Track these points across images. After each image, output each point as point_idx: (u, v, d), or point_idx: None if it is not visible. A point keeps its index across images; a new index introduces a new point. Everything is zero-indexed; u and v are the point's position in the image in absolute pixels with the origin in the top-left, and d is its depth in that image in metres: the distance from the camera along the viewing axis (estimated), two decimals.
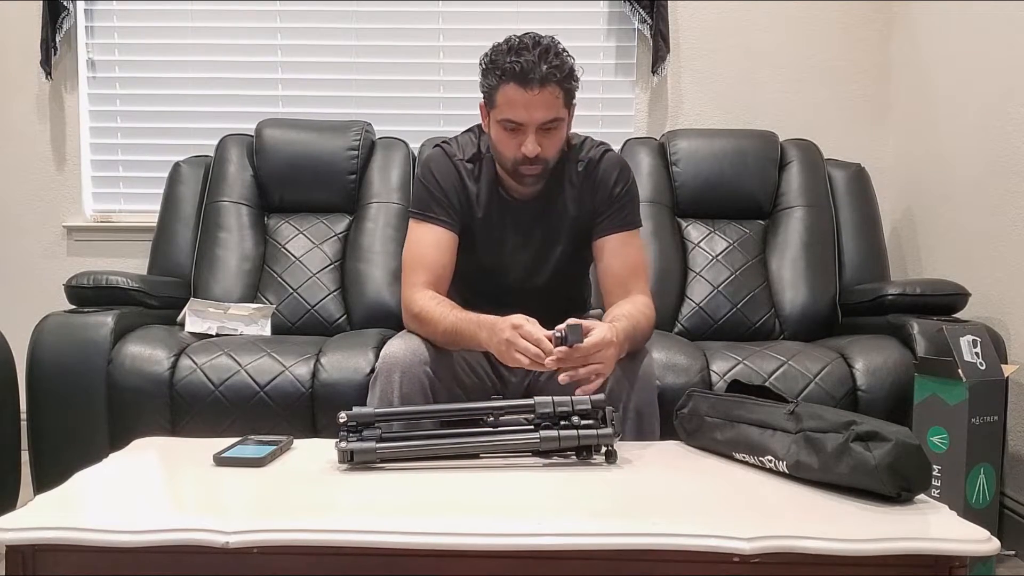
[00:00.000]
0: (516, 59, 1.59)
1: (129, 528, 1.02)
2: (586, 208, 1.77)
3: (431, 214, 1.74)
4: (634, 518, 1.11)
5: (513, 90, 1.60)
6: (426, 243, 1.74)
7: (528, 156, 1.64)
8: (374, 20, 2.88)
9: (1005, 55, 2.16)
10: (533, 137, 1.63)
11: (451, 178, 1.76)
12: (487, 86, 1.66)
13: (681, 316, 2.39)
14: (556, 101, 1.63)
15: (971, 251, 2.30)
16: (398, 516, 1.08)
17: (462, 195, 1.76)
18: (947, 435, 1.78)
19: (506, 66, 1.60)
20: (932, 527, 1.05)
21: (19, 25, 2.82)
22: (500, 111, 1.64)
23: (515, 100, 1.60)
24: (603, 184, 1.76)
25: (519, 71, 1.58)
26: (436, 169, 1.77)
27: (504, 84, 1.61)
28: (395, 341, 1.67)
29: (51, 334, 1.99)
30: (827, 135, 2.69)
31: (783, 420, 1.25)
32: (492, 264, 1.80)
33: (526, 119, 1.62)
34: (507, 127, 1.64)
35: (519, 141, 1.64)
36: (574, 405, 1.33)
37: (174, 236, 2.53)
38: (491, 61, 1.64)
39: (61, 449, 1.94)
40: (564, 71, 1.62)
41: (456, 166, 1.76)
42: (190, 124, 2.87)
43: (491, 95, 1.65)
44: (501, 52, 1.62)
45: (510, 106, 1.62)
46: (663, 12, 2.75)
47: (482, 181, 1.76)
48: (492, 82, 1.63)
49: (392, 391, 1.59)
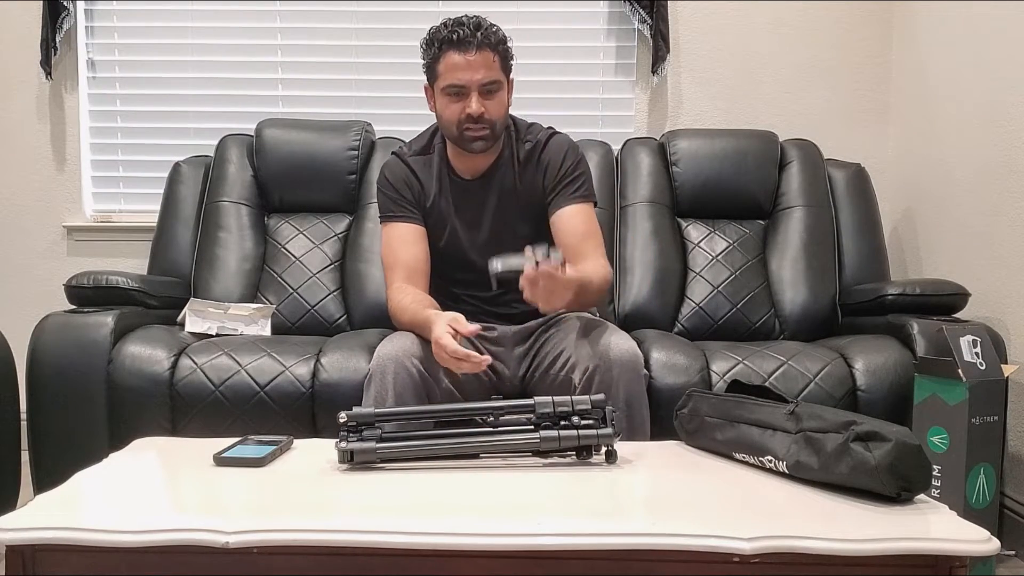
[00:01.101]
0: (454, 29, 1.75)
1: (129, 528, 1.02)
2: (536, 187, 1.87)
3: (392, 213, 1.88)
4: (634, 518, 1.11)
5: (454, 55, 1.75)
6: (395, 241, 1.87)
7: (472, 115, 1.76)
8: (374, 20, 2.88)
9: (1005, 55, 2.16)
10: (476, 96, 1.76)
11: (403, 175, 1.90)
12: (429, 60, 1.80)
13: (681, 316, 2.39)
14: (494, 64, 1.78)
15: (971, 251, 2.30)
16: (398, 516, 1.08)
17: (416, 188, 1.89)
18: (947, 435, 1.78)
19: (444, 36, 1.75)
20: (932, 527, 1.05)
21: (19, 25, 2.82)
22: (443, 79, 1.77)
23: (456, 63, 1.75)
24: (552, 163, 1.87)
25: (457, 39, 1.74)
26: (388, 173, 1.92)
27: (444, 53, 1.76)
28: (386, 342, 1.75)
29: (51, 334, 1.99)
30: (827, 135, 2.69)
31: (783, 420, 1.25)
32: (450, 246, 1.89)
33: (468, 80, 1.75)
34: (451, 92, 1.77)
35: (463, 104, 1.76)
36: (574, 405, 1.33)
37: (174, 236, 2.53)
38: (430, 37, 1.79)
39: (61, 449, 1.94)
40: (498, 36, 1.79)
41: (406, 162, 1.91)
42: (190, 124, 2.87)
43: (433, 67, 1.79)
44: (438, 29, 1.78)
45: (451, 71, 1.75)
46: (663, 12, 2.74)
47: (432, 168, 1.90)
48: (433, 53, 1.78)
49: (386, 390, 1.63)
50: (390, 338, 1.75)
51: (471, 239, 1.88)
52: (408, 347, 1.68)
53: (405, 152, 1.94)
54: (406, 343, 1.69)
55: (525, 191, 1.87)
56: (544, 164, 1.87)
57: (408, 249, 1.85)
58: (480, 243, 1.87)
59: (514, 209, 1.87)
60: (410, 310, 1.74)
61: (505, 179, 1.87)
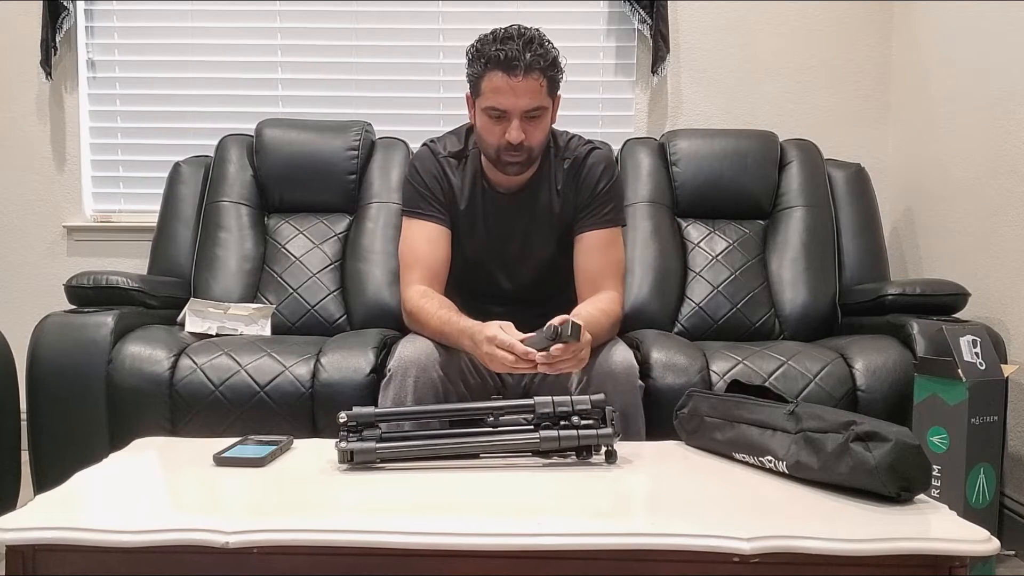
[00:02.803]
0: (501, 47, 1.63)
1: (129, 528, 1.02)
2: (569, 205, 1.80)
3: (419, 209, 1.79)
4: (634, 518, 1.11)
5: (498, 77, 1.64)
6: (419, 239, 1.79)
7: (512, 143, 1.67)
8: (374, 20, 2.87)
9: (1005, 55, 2.16)
10: (518, 123, 1.66)
11: (436, 172, 1.81)
12: (473, 75, 1.70)
13: (681, 316, 2.39)
14: (540, 89, 1.67)
15: (971, 251, 2.30)
16: (398, 516, 1.08)
17: (447, 188, 1.80)
18: (947, 435, 1.78)
19: (491, 54, 1.64)
20: (932, 527, 1.05)
21: (19, 25, 2.82)
22: (485, 99, 1.68)
23: (500, 87, 1.65)
24: (588, 181, 1.79)
25: (504, 58, 1.63)
26: (421, 166, 1.82)
27: (489, 72, 1.65)
28: (407, 344, 1.70)
29: (51, 334, 1.98)
30: (827, 135, 2.69)
31: (783, 420, 1.25)
32: (477, 256, 1.83)
33: (511, 106, 1.65)
34: (492, 115, 1.68)
35: (503, 128, 1.68)
36: (574, 405, 1.33)
37: (174, 236, 2.53)
38: (477, 50, 1.68)
39: (61, 449, 1.94)
40: (548, 59, 1.67)
41: (440, 161, 1.81)
42: (190, 124, 2.87)
43: (476, 83, 1.69)
44: (487, 41, 1.66)
45: (495, 93, 1.66)
46: (663, 12, 2.74)
47: (466, 174, 1.81)
48: (478, 70, 1.68)
49: (406, 393, 1.61)
50: (411, 340, 1.70)
51: (497, 254, 1.82)
52: (431, 351, 1.65)
53: (439, 150, 1.84)
54: (428, 347, 1.66)
55: (558, 209, 1.81)
56: (580, 180, 1.80)
57: (431, 250, 1.77)
58: (505, 259, 1.82)
59: (545, 228, 1.81)
60: (439, 317, 1.65)
61: (541, 197, 1.80)
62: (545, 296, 1.84)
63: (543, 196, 1.80)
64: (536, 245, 1.82)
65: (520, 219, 1.81)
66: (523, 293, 1.83)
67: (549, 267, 1.84)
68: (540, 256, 1.82)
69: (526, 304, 1.74)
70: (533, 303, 1.78)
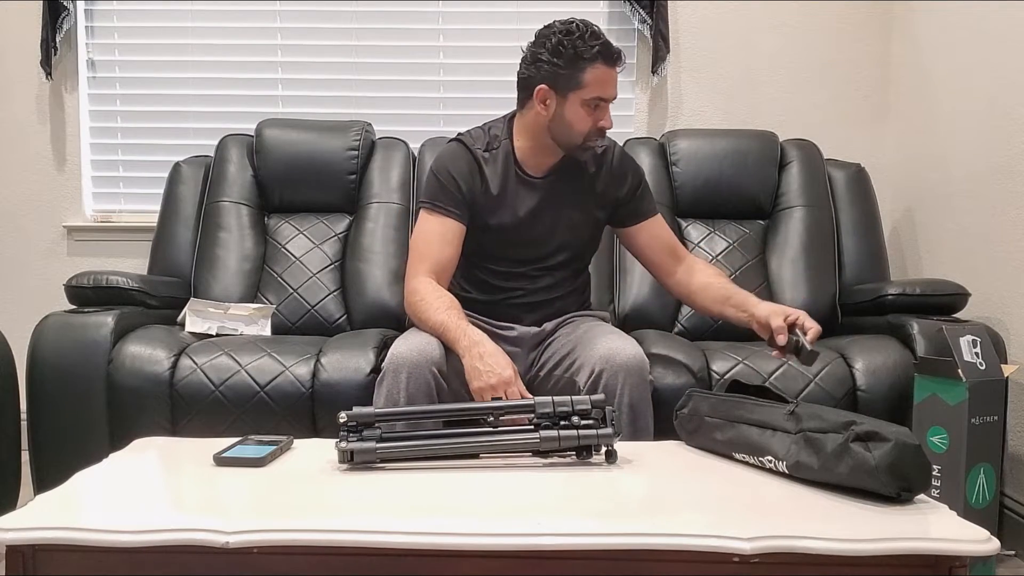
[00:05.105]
0: (597, 42, 1.74)
1: (129, 528, 1.02)
2: (597, 194, 1.89)
3: (439, 204, 1.82)
4: (634, 518, 1.11)
5: (603, 70, 1.75)
6: (433, 233, 1.82)
7: (607, 128, 1.80)
8: (374, 20, 2.88)
9: (1005, 55, 2.16)
10: (608, 111, 1.80)
11: (466, 167, 1.85)
12: (569, 69, 1.75)
13: (681, 316, 2.39)
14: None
15: (971, 251, 2.30)
16: (398, 516, 1.08)
17: (477, 180, 1.84)
18: (947, 435, 1.78)
19: (595, 48, 1.74)
20: (932, 527, 1.05)
21: (19, 25, 2.82)
22: (589, 90, 1.76)
23: (604, 78, 1.76)
24: (620, 177, 1.90)
25: (607, 52, 1.75)
26: (451, 160, 1.86)
27: (593, 65, 1.75)
28: (402, 341, 1.71)
29: (51, 334, 1.99)
30: (827, 135, 2.69)
31: (783, 420, 1.25)
32: (498, 238, 1.87)
33: (612, 94, 1.78)
34: (593, 104, 1.77)
35: (597, 117, 1.78)
36: (574, 405, 1.33)
37: (174, 236, 2.53)
38: (570, 48, 1.74)
39: (61, 449, 1.94)
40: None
41: (473, 153, 1.86)
42: (190, 124, 2.87)
43: (574, 78, 1.76)
44: (578, 37, 1.75)
45: (600, 84, 1.76)
46: (663, 12, 2.74)
47: (498, 163, 1.86)
48: (580, 64, 1.75)
49: (399, 391, 1.62)
50: (405, 338, 1.73)
51: (527, 227, 1.87)
52: (424, 348, 1.66)
53: (472, 144, 1.87)
54: (422, 344, 1.67)
55: (587, 196, 1.89)
56: (611, 174, 1.89)
57: (444, 248, 1.81)
58: (532, 233, 1.88)
59: (570, 211, 1.88)
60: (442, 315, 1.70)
61: (573, 180, 1.88)
62: (561, 280, 1.92)
63: (575, 179, 1.88)
64: (555, 227, 1.88)
65: (550, 200, 1.87)
66: (543, 275, 1.90)
67: (572, 250, 1.91)
68: (564, 236, 1.89)
69: (542, 285, 1.87)
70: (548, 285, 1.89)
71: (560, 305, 1.92)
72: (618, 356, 1.65)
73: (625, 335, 1.78)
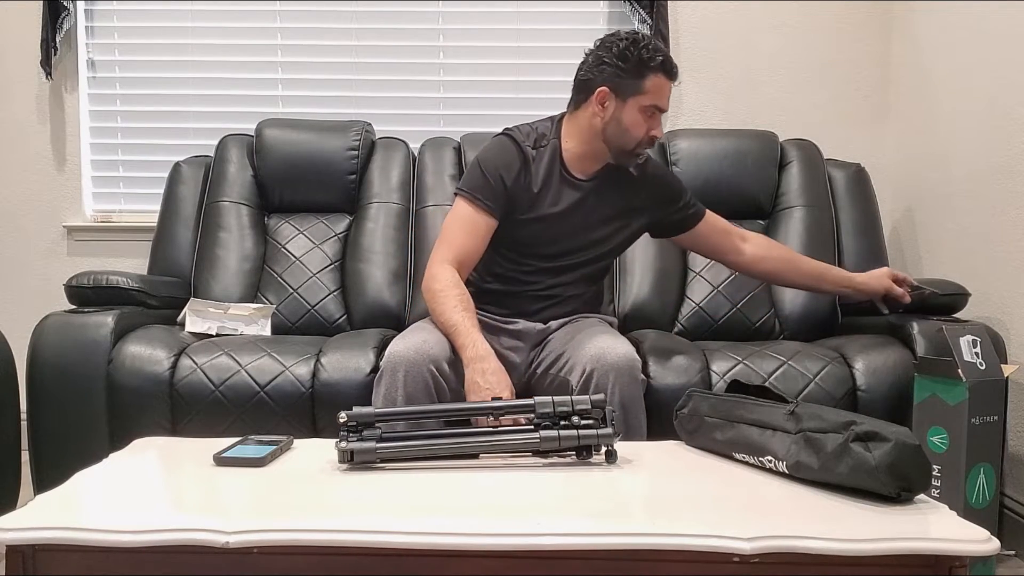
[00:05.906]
0: (659, 53, 1.82)
1: (129, 528, 1.02)
2: (636, 199, 1.94)
3: (477, 196, 1.84)
4: (634, 518, 1.11)
5: (663, 80, 1.82)
6: (466, 224, 1.84)
7: (657, 138, 1.86)
8: (374, 20, 2.88)
9: (1005, 55, 2.16)
10: (660, 122, 1.87)
11: (512, 162, 1.87)
12: (633, 76, 1.81)
13: (681, 316, 2.39)
14: None
15: (971, 251, 2.30)
16: (398, 516, 1.08)
17: (522, 175, 1.87)
18: (947, 435, 1.78)
19: (658, 59, 1.81)
20: (932, 527, 1.05)
21: (19, 25, 2.82)
22: (648, 97, 1.82)
23: (663, 89, 1.83)
24: (663, 185, 1.99)
25: (668, 64, 1.82)
26: (499, 154, 1.89)
27: (655, 74, 1.81)
28: (399, 340, 1.72)
29: (51, 334, 1.99)
30: (827, 135, 2.69)
31: (783, 420, 1.25)
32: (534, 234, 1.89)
33: (666, 106, 1.86)
34: (650, 112, 1.83)
35: (651, 125, 1.84)
36: (574, 405, 1.33)
37: (174, 236, 2.53)
38: (636, 54, 1.80)
39: (61, 449, 1.94)
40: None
41: (522, 148, 1.88)
42: (190, 124, 2.88)
43: (636, 84, 1.81)
44: (642, 47, 1.81)
45: (659, 94, 1.83)
46: (663, 12, 2.74)
47: (544, 161, 1.89)
48: (643, 72, 1.81)
49: (396, 389, 1.63)
50: (403, 336, 1.74)
51: (552, 232, 1.90)
52: (421, 347, 1.67)
53: (522, 140, 1.90)
54: (420, 342, 1.68)
55: (628, 204, 1.93)
56: (649, 182, 1.95)
57: (472, 240, 1.83)
58: (558, 236, 1.90)
59: (607, 214, 1.92)
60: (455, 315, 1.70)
61: (615, 187, 1.92)
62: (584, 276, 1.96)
63: (618, 183, 1.93)
64: (590, 228, 1.92)
65: (589, 199, 1.90)
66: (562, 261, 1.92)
67: (600, 247, 1.94)
68: (596, 234, 1.93)
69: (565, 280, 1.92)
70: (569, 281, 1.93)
71: (573, 306, 1.94)
72: (608, 355, 1.66)
73: (618, 335, 1.80)
